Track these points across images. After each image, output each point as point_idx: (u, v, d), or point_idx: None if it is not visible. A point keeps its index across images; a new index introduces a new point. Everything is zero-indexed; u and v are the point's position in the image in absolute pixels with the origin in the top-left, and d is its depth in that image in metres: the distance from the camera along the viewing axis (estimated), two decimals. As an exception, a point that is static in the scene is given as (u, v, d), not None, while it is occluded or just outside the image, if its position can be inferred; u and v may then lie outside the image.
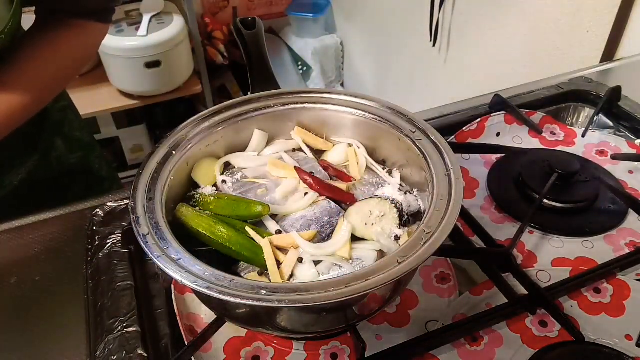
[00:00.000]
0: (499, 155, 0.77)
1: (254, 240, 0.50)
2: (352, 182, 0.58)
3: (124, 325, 0.54)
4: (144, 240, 0.45)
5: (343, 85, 2.54)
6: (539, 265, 0.61)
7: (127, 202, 0.68)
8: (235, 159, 0.60)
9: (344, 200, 0.55)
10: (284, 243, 0.50)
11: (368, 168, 0.60)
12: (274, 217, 0.54)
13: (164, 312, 0.58)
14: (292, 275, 0.48)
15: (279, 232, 0.52)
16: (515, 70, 1.32)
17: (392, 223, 0.51)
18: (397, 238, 0.50)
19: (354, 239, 0.51)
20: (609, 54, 1.03)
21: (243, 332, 0.55)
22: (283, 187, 0.56)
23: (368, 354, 0.51)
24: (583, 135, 0.81)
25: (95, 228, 0.65)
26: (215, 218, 0.52)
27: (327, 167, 0.59)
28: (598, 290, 0.58)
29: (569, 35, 1.13)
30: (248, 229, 0.51)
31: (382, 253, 0.50)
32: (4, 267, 0.64)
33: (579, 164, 0.69)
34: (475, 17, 1.43)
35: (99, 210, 0.67)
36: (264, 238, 0.50)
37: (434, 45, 1.62)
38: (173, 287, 0.58)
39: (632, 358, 0.50)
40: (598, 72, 0.93)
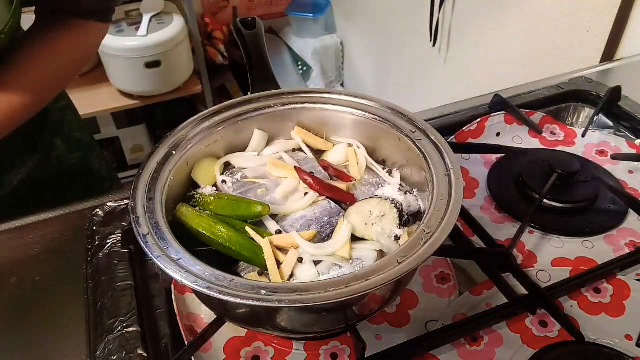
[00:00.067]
0: (499, 155, 0.77)
1: (254, 240, 0.50)
2: (352, 182, 0.58)
3: (124, 325, 0.54)
4: (144, 240, 0.45)
5: (343, 85, 2.54)
6: (539, 265, 0.61)
7: (127, 202, 0.68)
8: (235, 159, 0.60)
9: (344, 200, 0.55)
10: (284, 243, 0.50)
11: (368, 168, 0.60)
12: (274, 217, 0.54)
13: (164, 312, 0.58)
14: (292, 275, 0.48)
15: (279, 232, 0.52)
16: (515, 70, 1.32)
17: (392, 223, 0.51)
18: (397, 238, 0.50)
19: (354, 239, 0.51)
20: (609, 54, 1.03)
21: (243, 332, 0.55)
22: (283, 187, 0.56)
23: (368, 354, 0.51)
24: (583, 135, 0.81)
25: (95, 228, 0.65)
26: (215, 218, 0.52)
27: (327, 167, 0.59)
28: (598, 290, 0.58)
29: (569, 35, 1.13)
30: (248, 229, 0.51)
31: (382, 253, 0.50)
32: (4, 267, 0.64)
33: (579, 164, 0.69)
34: (475, 17, 1.43)
35: (99, 210, 0.67)
36: (264, 238, 0.50)
37: (434, 45, 1.62)
38: (173, 287, 0.58)
39: (632, 358, 0.50)
40: (598, 72, 0.93)
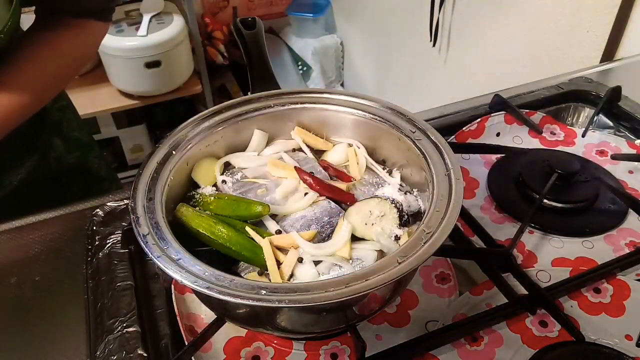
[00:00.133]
0: (499, 155, 0.77)
1: (254, 240, 0.50)
2: (352, 182, 0.58)
3: (124, 325, 0.54)
4: (144, 240, 0.45)
5: (343, 85, 2.54)
6: (539, 265, 0.61)
7: (127, 202, 0.68)
8: (235, 159, 0.60)
9: (344, 200, 0.55)
10: (284, 243, 0.50)
11: (368, 168, 0.60)
12: (274, 217, 0.54)
13: (164, 312, 0.58)
14: (292, 275, 0.48)
15: (279, 232, 0.52)
16: (515, 70, 1.32)
17: (392, 223, 0.51)
18: (397, 238, 0.50)
19: (354, 239, 0.51)
20: (609, 54, 1.03)
21: (243, 332, 0.55)
22: (283, 187, 0.56)
23: (368, 354, 0.51)
24: (583, 135, 0.81)
25: (95, 228, 0.65)
26: (215, 218, 0.52)
27: (327, 167, 0.59)
28: (598, 290, 0.58)
29: (569, 35, 1.13)
30: (248, 229, 0.51)
31: (382, 253, 0.50)
32: (4, 267, 0.63)
33: (579, 164, 0.69)
34: (475, 17, 1.43)
35: (99, 210, 0.67)
36: (264, 238, 0.50)
37: (434, 45, 1.62)
38: (173, 287, 0.58)
39: (632, 358, 0.50)
40: (598, 72, 0.93)
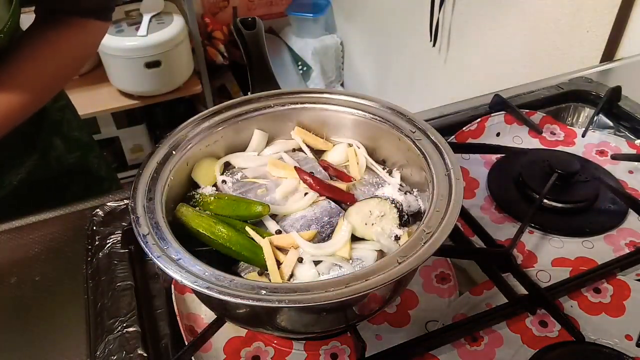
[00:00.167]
0: (499, 155, 0.77)
1: (254, 240, 0.50)
2: (352, 182, 0.58)
3: (124, 325, 0.54)
4: (144, 240, 0.45)
5: (343, 85, 2.54)
6: (539, 265, 0.61)
7: (127, 202, 0.68)
8: (235, 159, 0.60)
9: (344, 200, 0.55)
10: (284, 243, 0.50)
11: (368, 168, 0.60)
12: (274, 217, 0.54)
13: (164, 312, 0.58)
14: (292, 275, 0.48)
15: (279, 232, 0.52)
16: (515, 70, 1.32)
17: (392, 223, 0.51)
18: (397, 238, 0.50)
19: (354, 239, 0.51)
20: (609, 54, 1.03)
21: (243, 332, 0.55)
22: (283, 187, 0.56)
23: (368, 354, 0.51)
24: (583, 135, 0.81)
25: (95, 228, 0.65)
26: (215, 218, 0.52)
27: (327, 167, 0.59)
28: (598, 290, 0.58)
29: (569, 35, 1.13)
30: (248, 229, 0.51)
31: (382, 253, 0.50)
32: (4, 267, 0.63)
33: (579, 164, 0.69)
34: (475, 17, 1.43)
35: (99, 210, 0.67)
36: (264, 238, 0.50)
37: (434, 45, 1.62)
38: (173, 287, 0.58)
39: (632, 358, 0.50)
40: (598, 72, 0.93)
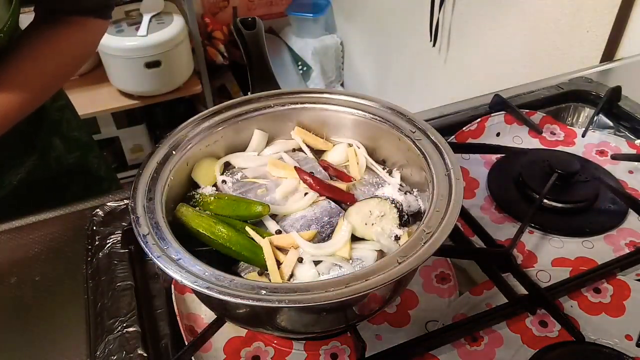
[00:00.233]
0: (499, 155, 0.77)
1: (254, 240, 0.50)
2: (352, 182, 0.58)
3: (124, 325, 0.54)
4: (144, 240, 0.45)
5: (343, 85, 2.54)
6: (539, 265, 0.61)
7: (127, 202, 0.68)
8: (235, 159, 0.60)
9: (344, 200, 0.55)
10: (284, 243, 0.50)
11: (368, 168, 0.60)
12: (274, 217, 0.54)
13: (164, 312, 0.58)
14: (292, 275, 0.48)
15: (279, 232, 0.52)
16: (515, 70, 1.32)
17: (392, 223, 0.51)
18: (397, 238, 0.50)
19: (354, 239, 0.51)
20: (609, 54, 1.03)
21: (243, 332, 0.55)
22: (283, 187, 0.56)
23: (368, 354, 0.51)
24: (583, 135, 0.81)
25: (95, 228, 0.65)
26: (215, 218, 0.52)
27: (327, 167, 0.59)
28: (598, 290, 0.58)
29: (569, 35, 1.13)
30: (248, 229, 0.51)
31: (382, 253, 0.50)
32: (4, 267, 0.63)
33: (579, 164, 0.69)
34: (475, 17, 1.43)
35: (99, 210, 0.67)
36: (264, 238, 0.50)
37: (434, 45, 1.62)
38: (173, 287, 0.58)
39: (632, 358, 0.50)
40: (598, 72, 0.93)
